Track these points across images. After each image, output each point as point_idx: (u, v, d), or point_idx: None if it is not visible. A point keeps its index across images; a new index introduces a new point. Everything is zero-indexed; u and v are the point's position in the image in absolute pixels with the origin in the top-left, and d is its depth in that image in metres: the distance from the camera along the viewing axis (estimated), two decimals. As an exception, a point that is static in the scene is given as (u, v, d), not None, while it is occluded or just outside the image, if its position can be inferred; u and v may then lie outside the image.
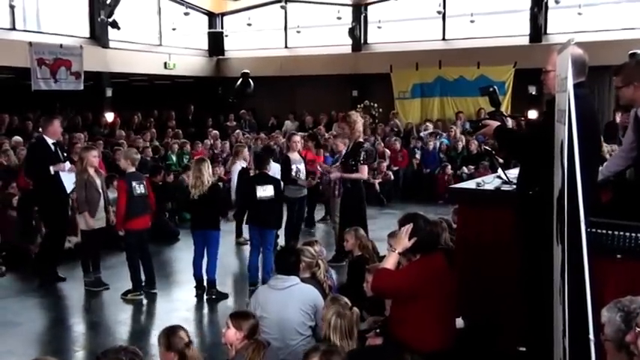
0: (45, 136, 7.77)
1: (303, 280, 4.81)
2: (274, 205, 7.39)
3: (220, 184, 9.90)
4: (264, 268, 7.44)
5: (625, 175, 4.50)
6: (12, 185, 9.42)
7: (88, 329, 6.41)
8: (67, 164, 7.75)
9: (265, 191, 7.28)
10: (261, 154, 8.44)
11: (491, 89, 4.67)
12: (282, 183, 8.03)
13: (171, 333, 3.79)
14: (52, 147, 7.73)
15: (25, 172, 8.65)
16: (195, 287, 7.29)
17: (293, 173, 8.95)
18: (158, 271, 7.74)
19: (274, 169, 8.85)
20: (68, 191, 7.71)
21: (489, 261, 4.75)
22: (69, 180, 7.72)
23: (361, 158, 7.72)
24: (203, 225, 7.25)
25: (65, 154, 8.01)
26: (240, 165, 9.63)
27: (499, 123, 4.22)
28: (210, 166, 7.31)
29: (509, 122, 6.12)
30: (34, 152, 8.05)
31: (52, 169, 7.58)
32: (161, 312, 6.90)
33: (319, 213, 11.14)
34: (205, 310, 7.09)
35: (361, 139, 7.97)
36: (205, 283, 7.27)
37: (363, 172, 7.80)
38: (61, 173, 7.64)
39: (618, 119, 13.31)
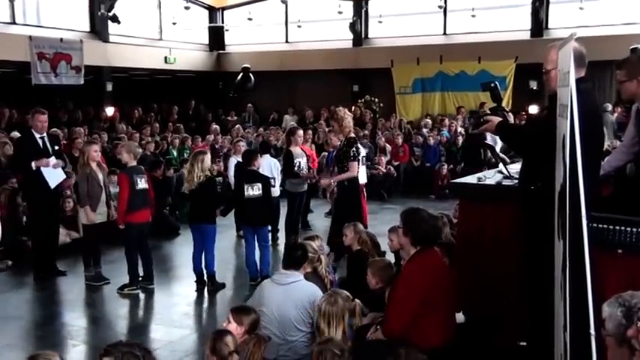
0: (32, 131, 7.67)
1: (304, 275, 4.81)
2: (263, 203, 7.36)
3: (220, 179, 9.91)
4: (261, 263, 7.48)
5: (625, 171, 4.50)
6: (12, 181, 9.41)
7: (89, 324, 6.42)
8: (52, 159, 7.56)
9: (253, 189, 7.27)
10: (250, 150, 8.41)
11: (492, 85, 4.65)
12: (271, 181, 7.99)
13: (218, 337, 3.75)
14: (40, 141, 7.61)
15: (12, 166, 8.62)
16: (196, 282, 7.30)
17: (295, 168, 8.95)
18: (158, 266, 7.75)
19: (269, 164, 8.85)
20: (52, 187, 7.58)
21: (490, 256, 4.75)
22: (54, 176, 7.61)
23: (351, 155, 7.42)
24: (199, 219, 7.27)
25: (57, 148, 7.89)
26: (235, 159, 9.63)
27: (501, 119, 4.21)
28: (207, 160, 7.28)
29: (511, 118, 6.10)
30: (20, 146, 7.97)
31: (33, 164, 7.44)
32: (161, 307, 6.91)
33: (320, 208, 11.15)
34: (206, 304, 7.10)
35: (352, 135, 7.74)
36: (205, 277, 7.29)
37: (353, 169, 7.46)
38: (42, 169, 7.49)
39: (615, 115, 13.29)
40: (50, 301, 7.15)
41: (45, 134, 7.76)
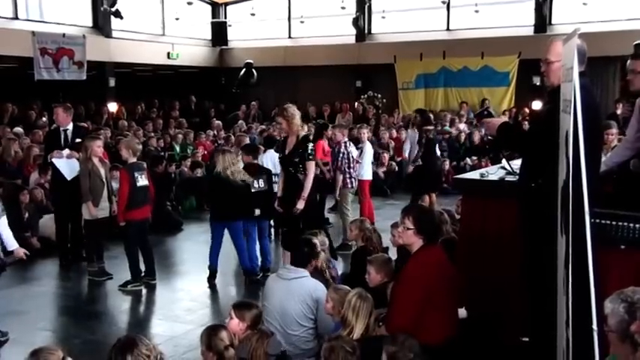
0: (59, 125, 8.06)
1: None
2: (266, 196, 7.36)
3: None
4: (264, 256, 7.56)
5: (629, 166, 4.48)
6: (19, 180, 9.49)
7: (92, 319, 6.43)
8: (66, 151, 7.76)
9: (259, 183, 7.27)
10: (251, 144, 8.44)
11: (485, 112, 4.66)
12: (274, 176, 7.96)
13: (213, 333, 3.76)
14: (63, 134, 7.93)
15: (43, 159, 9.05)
16: (209, 278, 7.31)
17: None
18: (161, 262, 7.76)
19: (273, 160, 8.86)
20: (68, 178, 7.70)
21: (493, 252, 4.75)
22: (69, 167, 7.74)
23: (309, 155, 6.81)
24: (225, 217, 7.25)
25: (78, 141, 7.96)
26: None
27: (504, 120, 4.22)
28: (232, 158, 7.27)
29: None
30: (46, 141, 8.45)
31: (49, 157, 7.84)
32: (164, 302, 6.92)
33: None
34: (209, 300, 7.11)
35: (304, 132, 7.16)
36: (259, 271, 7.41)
37: (310, 170, 6.82)
38: (55, 160, 7.75)
39: (619, 111, 13.22)
40: (54, 296, 7.17)
41: (69, 127, 8.02)
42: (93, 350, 5.31)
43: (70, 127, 8.01)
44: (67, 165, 7.75)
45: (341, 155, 8.76)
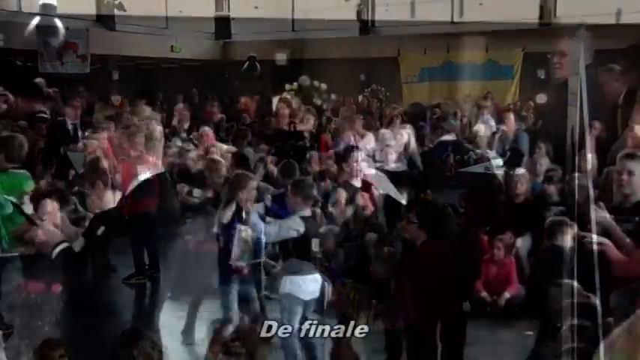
0: (66, 118, 8.19)
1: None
2: None
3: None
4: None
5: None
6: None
7: (96, 312, 6.45)
8: (80, 145, 7.94)
9: None
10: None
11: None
12: None
13: (219, 326, 3.78)
14: (71, 127, 8.08)
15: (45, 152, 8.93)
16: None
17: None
18: (165, 255, 7.76)
19: None
20: (79, 172, 7.80)
21: (497, 246, 4.74)
22: (81, 161, 7.85)
23: None
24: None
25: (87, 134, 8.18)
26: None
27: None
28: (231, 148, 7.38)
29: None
30: (51, 134, 8.48)
31: (62, 149, 7.92)
32: (168, 295, 6.93)
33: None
34: (214, 294, 7.10)
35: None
36: None
37: None
38: (69, 154, 7.85)
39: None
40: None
41: (78, 121, 8.07)
42: (97, 343, 5.33)
43: (78, 120, 8.08)
44: (79, 159, 7.79)
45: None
